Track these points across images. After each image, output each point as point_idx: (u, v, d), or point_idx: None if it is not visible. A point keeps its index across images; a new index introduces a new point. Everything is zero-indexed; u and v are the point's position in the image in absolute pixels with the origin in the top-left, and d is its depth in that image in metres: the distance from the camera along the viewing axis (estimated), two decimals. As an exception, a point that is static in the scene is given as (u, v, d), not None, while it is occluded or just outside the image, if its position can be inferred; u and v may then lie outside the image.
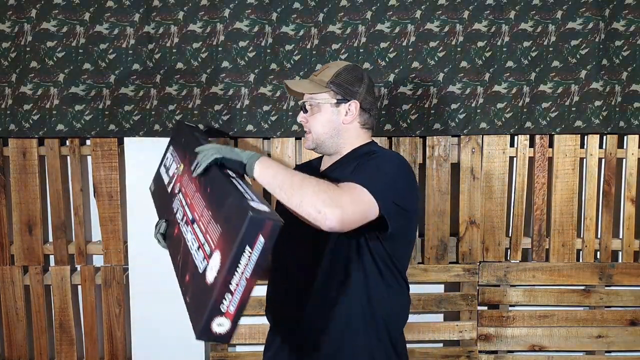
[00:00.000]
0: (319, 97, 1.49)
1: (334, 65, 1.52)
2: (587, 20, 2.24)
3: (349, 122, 1.49)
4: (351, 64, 1.53)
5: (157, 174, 1.81)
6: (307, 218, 1.22)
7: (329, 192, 1.23)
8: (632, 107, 2.29)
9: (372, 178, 1.32)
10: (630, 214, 2.39)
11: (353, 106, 1.48)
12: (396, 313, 1.49)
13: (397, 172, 1.38)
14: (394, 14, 2.23)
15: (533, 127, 2.30)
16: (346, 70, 1.49)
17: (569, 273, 2.40)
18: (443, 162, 2.33)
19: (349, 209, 1.22)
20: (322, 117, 1.49)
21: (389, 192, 1.32)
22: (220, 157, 1.30)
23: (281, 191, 1.25)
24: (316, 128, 1.50)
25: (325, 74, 1.50)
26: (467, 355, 2.41)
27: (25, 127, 2.24)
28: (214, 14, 2.21)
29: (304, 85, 1.53)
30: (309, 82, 1.53)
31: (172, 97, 2.24)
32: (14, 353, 2.39)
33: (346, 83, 1.48)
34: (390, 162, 1.40)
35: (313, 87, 1.50)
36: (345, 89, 1.48)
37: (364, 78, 1.51)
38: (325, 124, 1.49)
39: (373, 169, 1.36)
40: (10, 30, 2.20)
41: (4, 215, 2.34)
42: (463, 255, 2.39)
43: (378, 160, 1.40)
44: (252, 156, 1.31)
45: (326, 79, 1.48)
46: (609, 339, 2.43)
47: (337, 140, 1.50)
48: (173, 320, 2.36)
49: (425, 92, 2.27)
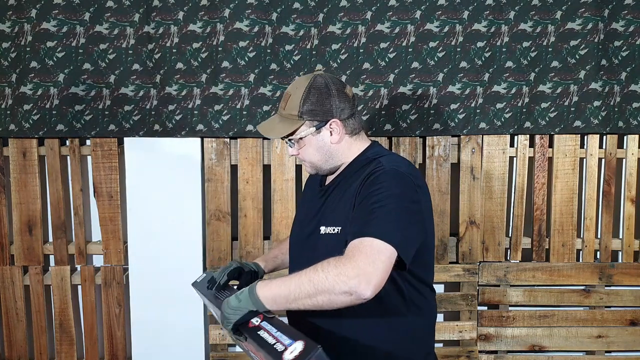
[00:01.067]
0: (298, 133, 1.41)
1: (295, 91, 1.42)
2: (586, 21, 2.25)
3: (338, 141, 1.42)
4: (310, 81, 1.41)
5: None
6: (344, 306, 1.18)
7: (347, 270, 1.15)
8: (631, 107, 2.29)
9: (382, 224, 1.22)
10: (630, 214, 2.39)
11: (334, 125, 1.40)
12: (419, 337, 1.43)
13: (404, 205, 1.29)
14: (394, 14, 2.23)
15: (532, 127, 2.30)
16: (310, 92, 1.39)
17: (569, 273, 2.40)
18: (443, 162, 2.33)
19: (376, 275, 1.16)
20: (310, 148, 1.43)
21: (403, 235, 1.24)
22: (233, 325, 1.26)
23: (301, 304, 1.21)
24: (309, 157, 1.45)
25: (291, 105, 1.41)
26: (467, 355, 2.40)
27: (25, 127, 2.24)
28: (214, 14, 2.22)
29: (277, 129, 1.44)
30: (279, 120, 1.44)
31: (172, 97, 2.25)
32: (14, 353, 2.39)
33: (316, 106, 1.39)
34: (394, 193, 1.29)
35: (286, 127, 1.41)
36: (318, 112, 1.39)
37: (330, 89, 1.40)
38: (315, 153, 1.43)
39: (381, 211, 1.25)
40: (10, 30, 2.20)
41: (4, 215, 2.34)
42: (463, 255, 2.39)
43: (381, 192, 1.28)
44: (250, 296, 1.25)
45: (295, 111, 1.40)
46: (609, 339, 2.43)
47: (334, 161, 1.44)
48: (173, 320, 2.37)
49: (425, 92, 2.27)
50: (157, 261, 2.35)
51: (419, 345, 1.44)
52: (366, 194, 1.30)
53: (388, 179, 1.31)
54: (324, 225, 1.41)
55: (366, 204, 1.28)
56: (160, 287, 2.35)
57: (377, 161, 1.40)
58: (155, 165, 2.31)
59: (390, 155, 1.45)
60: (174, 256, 2.33)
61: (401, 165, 1.38)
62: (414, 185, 1.33)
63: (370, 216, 1.25)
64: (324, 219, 1.43)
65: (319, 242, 1.41)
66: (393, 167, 1.34)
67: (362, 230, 1.22)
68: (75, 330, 2.41)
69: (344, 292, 1.15)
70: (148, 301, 2.35)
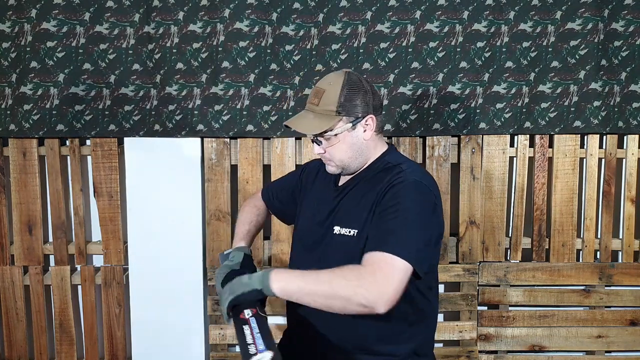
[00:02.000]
0: (334, 129, 1.38)
1: (329, 86, 1.40)
2: (586, 21, 2.25)
3: (370, 137, 1.42)
4: (345, 76, 1.41)
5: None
6: (356, 313, 1.21)
7: (367, 284, 1.18)
8: (630, 108, 2.29)
9: (402, 240, 1.24)
10: (630, 214, 2.39)
11: (370, 121, 1.41)
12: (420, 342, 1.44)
13: (424, 220, 1.30)
14: (394, 14, 2.23)
15: (532, 127, 2.30)
16: (347, 87, 1.38)
17: (569, 273, 2.40)
18: (443, 162, 2.34)
19: (393, 294, 1.19)
20: (343, 145, 1.40)
21: (421, 251, 1.27)
22: (233, 297, 1.26)
23: (312, 300, 1.23)
24: (339, 155, 1.42)
25: (327, 100, 1.38)
26: (467, 355, 2.40)
27: (25, 127, 2.24)
28: (214, 14, 2.22)
29: (313, 125, 1.39)
30: (314, 116, 1.40)
31: (172, 97, 2.25)
32: (14, 353, 2.39)
33: (355, 101, 1.38)
34: (415, 208, 1.30)
35: (323, 123, 1.38)
36: (355, 108, 1.38)
37: (364, 85, 1.41)
38: (347, 150, 1.41)
39: (402, 226, 1.27)
40: (10, 30, 2.20)
41: (4, 215, 2.34)
42: (463, 255, 2.39)
43: (403, 205, 1.29)
44: (263, 278, 1.25)
45: (332, 107, 1.37)
46: (609, 339, 2.43)
47: (362, 159, 1.43)
48: (173, 320, 2.37)
49: (424, 92, 2.27)
50: (157, 261, 2.35)
51: (419, 349, 1.45)
52: (388, 205, 1.31)
53: (410, 192, 1.32)
54: (338, 225, 1.41)
55: (387, 216, 1.30)
56: (160, 287, 2.35)
57: (398, 168, 1.39)
58: (155, 165, 2.31)
59: (409, 162, 1.45)
60: (174, 256, 2.33)
61: (423, 177, 1.39)
62: (434, 198, 1.36)
63: (391, 229, 1.27)
64: (338, 219, 1.43)
65: (332, 241, 1.41)
66: (415, 179, 1.35)
67: (383, 243, 1.24)
68: (75, 330, 2.41)
69: (360, 304, 1.19)
70: (148, 301, 2.35)
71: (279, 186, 1.76)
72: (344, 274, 1.21)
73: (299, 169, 1.72)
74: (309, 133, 1.42)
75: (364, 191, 1.40)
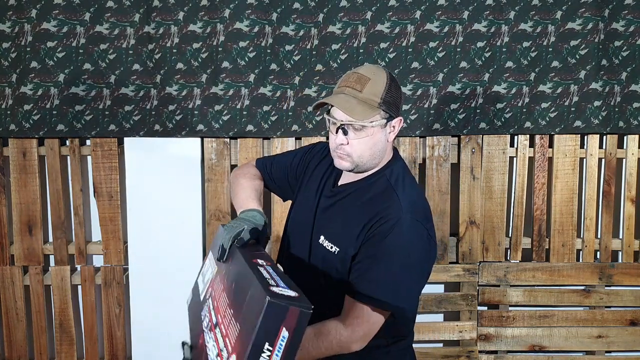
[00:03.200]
0: (372, 121, 1.30)
1: (374, 77, 1.32)
2: (586, 21, 2.25)
3: (391, 140, 1.37)
4: (387, 72, 1.34)
5: (195, 284, 1.50)
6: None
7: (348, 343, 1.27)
8: (631, 108, 2.29)
9: (384, 291, 1.26)
10: (630, 214, 2.39)
11: (397, 123, 1.34)
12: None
13: (410, 266, 1.29)
14: (394, 14, 2.23)
15: (532, 127, 2.30)
16: (392, 84, 1.32)
17: (569, 273, 2.40)
18: (443, 162, 2.33)
19: (369, 338, 1.28)
20: (370, 140, 1.32)
21: (403, 300, 1.29)
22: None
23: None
24: (361, 151, 1.32)
25: (372, 89, 1.30)
26: (467, 355, 2.40)
27: (25, 127, 2.24)
28: (214, 14, 2.22)
29: (357, 110, 1.29)
30: (358, 102, 1.30)
31: (172, 97, 2.25)
32: (14, 353, 2.39)
33: (396, 100, 1.33)
34: (402, 253, 1.27)
35: (366, 111, 1.29)
36: (394, 106, 1.32)
37: (399, 86, 1.36)
38: (371, 146, 1.33)
39: (386, 275, 1.26)
40: (11, 30, 2.20)
41: (4, 215, 2.34)
42: (463, 255, 2.39)
43: (389, 249, 1.27)
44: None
45: (376, 98, 1.30)
46: (609, 339, 2.43)
47: (376, 160, 1.36)
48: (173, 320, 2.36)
49: (424, 92, 2.27)
50: (157, 261, 2.35)
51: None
52: (374, 242, 1.28)
53: (404, 235, 1.27)
54: (323, 236, 1.38)
55: (372, 257, 1.28)
56: (160, 287, 2.34)
57: (393, 195, 1.33)
58: (155, 165, 2.31)
59: (408, 185, 1.37)
60: (174, 256, 2.33)
61: (419, 209, 1.33)
62: (427, 237, 1.31)
63: (374, 280, 1.27)
64: (325, 228, 1.39)
65: (317, 249, 1.39)
66: (411, 217, 1.29)
67: (365, 290, 1.27)
68: (75, 330, 2.41)
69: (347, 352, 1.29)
70: (148, 301, 2.35)
71: (275, 163, 1.62)
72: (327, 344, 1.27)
73: (301, 150, 1.60)
74: (352, 116, 1.29)
75: (355, 211, 1.35)
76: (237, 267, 1.14)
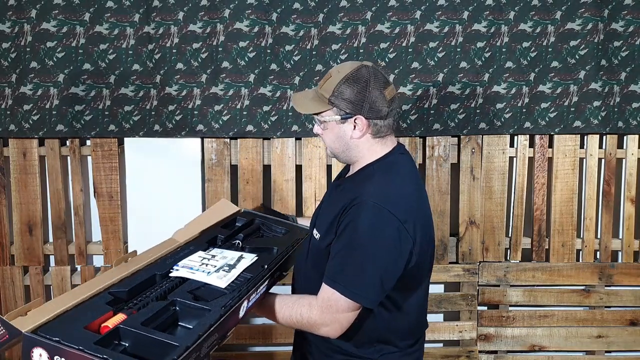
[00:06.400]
0: (323, 115, 1.39)
1: (337, 73, 1.37)
2: (586, 21, 2.25)
3: (359, 137, 1.38)
4: (354, 70, 1.36)
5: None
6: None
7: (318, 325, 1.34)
8: (630, 108, 2.29)
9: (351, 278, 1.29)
10: (630, 214, 2.39)
11: (358, 121, 1.36)
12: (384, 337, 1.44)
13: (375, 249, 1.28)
14: (394, 14, 2.23)
15: (532, 127, 2.31)
16: (347, 81, 1.35)
17: (568, 273, 2.40)
18: (443, 162, 2.34)
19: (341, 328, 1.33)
20: (331, 134, 1.40)
21: (371, 286, 1.29)
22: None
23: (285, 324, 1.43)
24: (328, 143, 1.43)
25: (327, 86, 1.37)
26: (467, 355, 2.41)
27: (25, 127, 2.24)
28: (214, 14, 2.22)
29: (306, 104, 1.41)
30: (313, 96, 1.41)
31: (172, 97, 2.25)
32: (14, 353, 2.39)
33: (348, 97, 1.34)
34: (365, 238, 1.28)
35: (314, 105, 1.39)
36: (348, 104, 1.35)
37: (369, 84, 1.34)
38: (335, 140, 1.41)
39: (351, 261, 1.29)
40: (10, 30, 2.20)
41: (4, 216, 2.34)
42: (463, 255, 2.39)
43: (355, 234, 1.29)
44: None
45: (327, 94, 1.36)
46: (609, 339, 2.43)
47: (350, 155, 1.42)
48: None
49: (425, 92, 2.27)
50: (157, 261, 2.34)
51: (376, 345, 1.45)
52: (343, 229, 1.33)
53: (367, 218, 1.29)
54: (315, 226, 1.47)
55: (340, 245, 1.33)
56: (160, 287, 2.34)
57: (370, 183, 1.35)
58: (155, 165, 2.31)
59: (389, 177, 1.37)
60: (174, 256, 2.33)
61: (390, 198, 1.32)
62: (398, 225, 1.29)
63: (341, 265, 1.31)
64: (319, 220, 1.47)
65: (312, 241, 1.47)
66: (376, 203, 1.30)
67: (333, 280, 1.31)
68: (75, 330, 2.41)
69: (317, 333, 1.37)
70: (148, 301, 2.35)
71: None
72: (298, 315, 1.37)
73: None
74: (299, 109, 1.44)
75: (338, 202, 1.39)
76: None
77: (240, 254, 1.52)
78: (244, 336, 2.39)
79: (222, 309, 1.23)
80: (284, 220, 1.86)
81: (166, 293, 1.32)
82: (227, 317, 1.23)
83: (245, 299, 1.32)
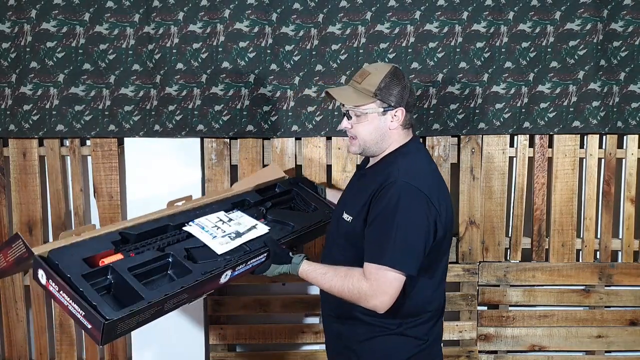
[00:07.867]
0: (366, 108, 1.53)
1: (376, 71, 1.54)
2: (585, 21, 2.25)
3: (394, 128, 1.54)
4: (392, 68, 1.54)
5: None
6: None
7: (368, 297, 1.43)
8: (629, 108, 2.30)
9: (393, 252, 1.41)
10: (630, 214, 2.39)
11: (399, 113, 1.53)
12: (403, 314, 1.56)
13: (412, 224, 1.43)
14: (394, 14, 2.24)
15: (531, 127, 2.31)
16: (391, 77, 1.52)
17: (568, 273, 2.40)
18: (443, 162, 2.34)
19: (390, 302, 1.43)
20: (370, 125, 1.54)
21: (412, 257, 1.43)
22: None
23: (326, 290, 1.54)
24: (362, 135, 1.55)
25: (369, 81, 1.52)
26: (467, 355, 2.41)
27: (25, 128, 2.24)
28: (214, 15, 2.22)
29: (350, 97, 1.55)
30: (354, 91, 1.55)
31: (172, 97, 2.25)
32: (14, 353, 2.39)
33: (392, 91, 1.51)
34: (402, 215, 1.42)
35: (359, 98, 1.53)
36: (391, 97, 1.51)
37: (405, 81, 1.54)
38: (372, 132, 1.54)
39: (392, 237, 1.41)
40: (10, 30, 2.20)
41: (4, 216, 2.34)
42: (463, 255, 2.39)
43: (391, 212, 1.43)
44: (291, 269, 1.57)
45: (372, 88, 1.51)
46: (609, 339, 2.43)
47: (382, 145, 1.56)
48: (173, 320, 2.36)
49: (424, 92, 2.28)
50: (157, 261, 2.34)
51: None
52: (377, 211, 1.46)
53: (397, 196, 1.44)
54: (344, 210, 1.58)
55: (376, 224, 1.45)
56: (160, 287, 2.34)
57: (395, 166, 1.50)
58: (155, 166, 2.31)
59: (410, 159, 1.53)
60: (174, 256, 2.33)
61: (415, 176, 1.48)
62: (426, 200, 1.45)
63: (380, 240, 1.43)
64: (346, 205, 1.60)
65: (340, 224, 1.59)
66: (405, 181, 1.45)
67: (376, 256, 1.43)
68: (76, 330, 2.41)
69: (364, 306, 1.46)
70: (148, 301, 2.35)
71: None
72: (352, 282, 1.45)
73: None
74: (346, 103, 1.55)
75: (370, 181, 1.54)
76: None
77: (255, 223, 1.65)
78: (243, 336, 2.39)
79: (202, 275, 1.38)
80: (317, 195, 2.01)
81: (168, 244, 1.47)
82: (203, 282, 1.38)
83: (230, 269, 1.43)
